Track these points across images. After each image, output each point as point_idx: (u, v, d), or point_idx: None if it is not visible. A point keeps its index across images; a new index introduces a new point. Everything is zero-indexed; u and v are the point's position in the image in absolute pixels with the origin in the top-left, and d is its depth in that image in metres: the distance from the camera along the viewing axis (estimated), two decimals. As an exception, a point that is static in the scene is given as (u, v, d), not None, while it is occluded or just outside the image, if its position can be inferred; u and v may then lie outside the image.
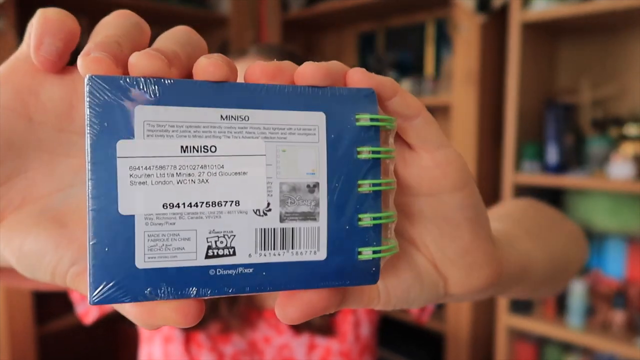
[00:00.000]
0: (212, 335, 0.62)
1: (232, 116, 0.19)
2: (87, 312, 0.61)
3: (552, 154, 1.28)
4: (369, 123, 0.20)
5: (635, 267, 1.27)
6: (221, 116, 0.19)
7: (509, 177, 1.32)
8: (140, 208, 0.19)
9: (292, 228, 0.20)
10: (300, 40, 2.01)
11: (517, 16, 1.26)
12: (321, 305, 0.20)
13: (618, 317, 1.24)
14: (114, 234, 0.18)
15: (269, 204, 0.20)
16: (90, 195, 0.18)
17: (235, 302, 0.61)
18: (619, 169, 1.17)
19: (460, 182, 0.22)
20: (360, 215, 0.21)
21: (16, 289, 1.35)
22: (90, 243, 0.18)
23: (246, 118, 0.19)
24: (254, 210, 0.20)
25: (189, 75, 0.20)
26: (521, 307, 1.36)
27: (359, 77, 0.20)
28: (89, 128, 0.18)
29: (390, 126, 0.21)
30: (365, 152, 0.21)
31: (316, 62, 0.20)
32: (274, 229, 0.20)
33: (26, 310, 1.41)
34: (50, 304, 1.51)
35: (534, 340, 1.40)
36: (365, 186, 0.21)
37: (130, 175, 0.18)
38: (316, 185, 0.20)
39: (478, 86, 1.37)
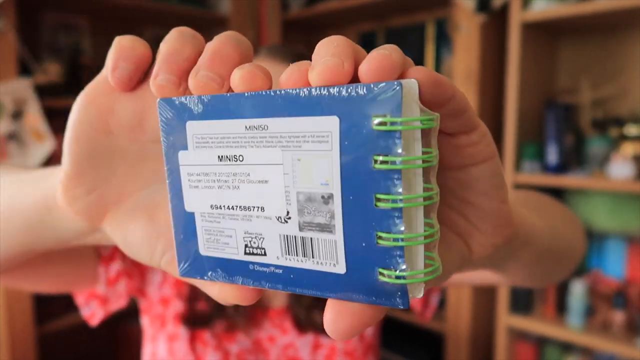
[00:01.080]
0: (218, 334, 0.62)
1: (254, 126, 0.20)
2: (93, 314, 0.61)
3: (552, 154, 1.28)
4: (387, 127, 0.17)
5: (635, 267, 1.27)
6: (245, 127, 0.20)
7: (509, 177, 1.32)
8: (196, 207, 0.22)
9: (311, 238, 0.20)
10: (300, 40, 2.01)
11: (517, 16, 1.26)
12: (370, 316, 0.20)
13: (618, 317, 1.24)
14: (185, 226, 0.23)
15: (288, 212, 0.20)
16: (169, 195, 0.23)
17: None
18: (619, 169, 1.17)
19: (490, 153, 0.22)
20: (379, 233, 0.18)
21: (17, 289, 1.35)
22: (174, 231, 0.23)
23: (265, 127, 0.20)
24: (276, 217, 0.20)
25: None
26: (521, 307, 1.36)
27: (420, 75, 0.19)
28: (162, 141, 0.22)
29: (425, 126, 0.18)
30: (381, 161, 0.18)
31: (378, 54, 0.18)
32: (295, 237, 0.20)
33: (26, 310, 1.41)
34: (50, 304, 1.51)
35: (534, 340, 1.40)
36: (383, 201, 0.18)
37: (189, 180, 0.22)
38: (330, 196, 0.19)
39: (478, 86, 1.37)
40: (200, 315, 0.62)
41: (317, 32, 2.07)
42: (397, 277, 0.18)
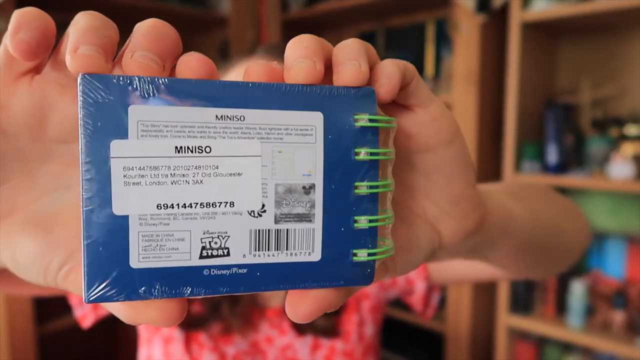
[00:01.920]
0: (214, 336, 0.61)
1: (227, 116, 0.19)
2: (85, 315, 0.61)
3: (552, 154, 1.28)
4: (367, 124, 0.20)
5: (635, 267, 1.27)
6: (216, 116, 0.19)
7: (509, 177, 1.32)
8: (134, 208, 0.19)
9: (287, 229, 0.20)
10: (300, 40, 2.00)
11: (517, 16, 1.26)
12: (330, 301, 0.21)
13: (618, 317, 1.24)
14: (108, 234, 0.18)
15: (263, 205, 0.20)
16: (84, 196, 0.18)
17: (236, 302, 0.61)
18: (619, 169, 1.17)
19: (454, 133, 0.23)
20: (356, 218, 0.21)
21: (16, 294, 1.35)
22: (85, 242, 0.18)
23: (242, 118, 0.19)
24: (248, 212, 0.20)
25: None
26: (521, 307, 1.36)
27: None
28: (82, 128, 0.18)
29: (390, 126, 0.21)
30: (362, 154, 0.20)
31: (349, 69, 0.20)
32: (269, 230, 0.20)
33: (26, 311, 1.41)
34: (50, 304, 1.51)
35: (534, 340, 1.40)
36: (362, 188, 0.20)
37: (124, 176, 0.18)
38: (312, 186, 0.20)
39: (478, 86, 1.37)
40: (195, 317, 0.61)
41: (317, 32, 2.06)
42: (370, 254, 0.21)
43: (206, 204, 0.19)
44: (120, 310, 0.20)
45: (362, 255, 0.21)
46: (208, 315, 0.61)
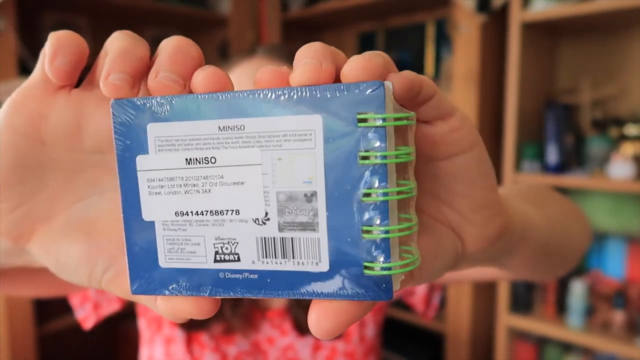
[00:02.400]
0: (215, 336, 0.62)
1: (228, 126, 0.19)
2: (86, 317, 0.61)
3: (552, 154, 1.28)
4: (373, 123, 0.18)
5: (635, 267, 1.27)
6: (219, 127, 0.20)
7: (509, 177, 1.32)
8: (158, 215, 0.21)
9: (292, 238, 0.20)
10: (300, 40, 2.00)
11: (517, 16, 1.26)
12: (351, 313, 0.20)
13: (618, 317, 1.24)
14: (142, 237, 0.21)
15: (267, 214, 0.20)
16: (123, 205, 0.21)
17: (238, 303, 0.61)
18: (619, 169, 1.17)
19: (474, 140, 0.22)
20: (364, 227, 0.19)
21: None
22: (127, 244, 0.21)
23: (242, 127, 0.19)
24: (253, 219, 0.20)
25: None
26: (521, 307, 1.36)
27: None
28: (115, 146, 0.21)
29: (405, 123, 0.19)
30: (366, 157, 0.18)
31: (359, 57, 0.19)
32: (274, 238, 0.20)
33: (26, 311, 1.41)
34: (50, 304, 1.51)
35: (534, 340, 1.40)
36: (370, 195, 0.18)
37: (148, 187, 0.21)
38: (313, 194, 0.19)
39: (478, 86, 1.37)
40: (193, 319, 0.61)
41: (317, 32, 2.07)
42: (383, 269, 0.19)
43: (215, 211, 0.20)
44: (160, 305, 0.22)
45: (375, 268, 0.19)
46: (208, 320, 0.61)
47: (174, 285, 0.21)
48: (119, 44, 0.21)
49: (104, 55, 0.22)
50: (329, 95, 0.18)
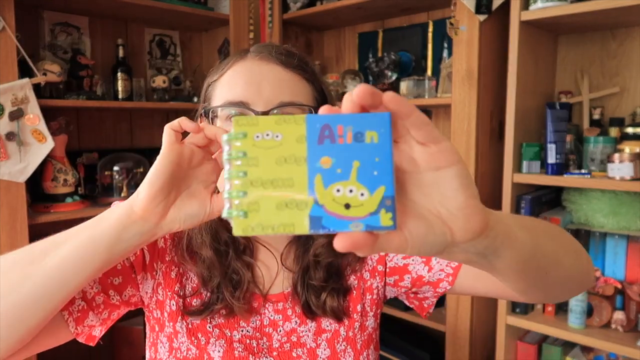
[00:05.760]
0: (218, 324, 0.63)
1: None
2: (92, 338, 0.63)
3: (552, 154, 1.28)
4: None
5: (635, 267, 1.27)
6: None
7: (509, 177, 1.32)
8: None
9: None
10: (300, 40, 2.01)
11: (517, 16, 1.26)
12: (357, 241, 0.30)
13: (618, 317, 1.24)
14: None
15: None
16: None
17: (237, 286, 0.63)
18: (619, 169, 1.17)
19: (455, 159, 0.32)
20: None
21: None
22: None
23: None
24: None
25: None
26: (521, 307, 1.36)
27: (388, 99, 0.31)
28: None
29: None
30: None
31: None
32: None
33: (26, 310, 1.41)
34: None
35: (534, 340, 1.40)
36: None
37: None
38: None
39: (478, 86, 1.37)
40: (196, 308, 0.63)
41: (317, 32, 2.07)
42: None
43: None
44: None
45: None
46: (210, 302, 0.63)
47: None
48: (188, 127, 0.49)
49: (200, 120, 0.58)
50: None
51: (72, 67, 1.66)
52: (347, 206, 0.30)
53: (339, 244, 0.30)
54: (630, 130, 1.24)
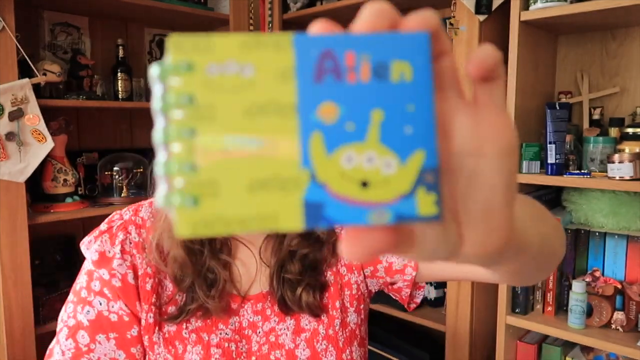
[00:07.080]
0: (195, 329, 0.62)
1: None
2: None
3: (552, 154, 1.28)
4: None
5: (635, 267, 1.27)
6: None
7: (509, 177, 1.32)
8: None
9: None
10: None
11: (517, 16, 1.26)
12: (381, 243, 0.20)
13: (618, 317, 1.24)
14: None
15: None
16: None
17: (212, 286, 0.61)
18: (619, 169, 1.17)
19: (511, 147, 0.22)
20: None
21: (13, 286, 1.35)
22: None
23: None
24: None
25: None
26: (521, 307, 1.36)
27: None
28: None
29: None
30: None
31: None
32: None
33: (26, 311, 1.41)
34: (50, 304, 1.51)
35: (534, 340, 1.40)
36: None
37: None
38: None
39: (478, 86, 1.37)
40: (172, 314, 0.62)
41: (317, 32, 2.07)
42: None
43: None
44: None
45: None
46: (185, 304, 0.61)
47: None
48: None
49: None
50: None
51: (72, 67, 1.66)
52: (365, 184, 0.19)
53: (351, 250, 0.20)
54: (630, 130, 1.24)
